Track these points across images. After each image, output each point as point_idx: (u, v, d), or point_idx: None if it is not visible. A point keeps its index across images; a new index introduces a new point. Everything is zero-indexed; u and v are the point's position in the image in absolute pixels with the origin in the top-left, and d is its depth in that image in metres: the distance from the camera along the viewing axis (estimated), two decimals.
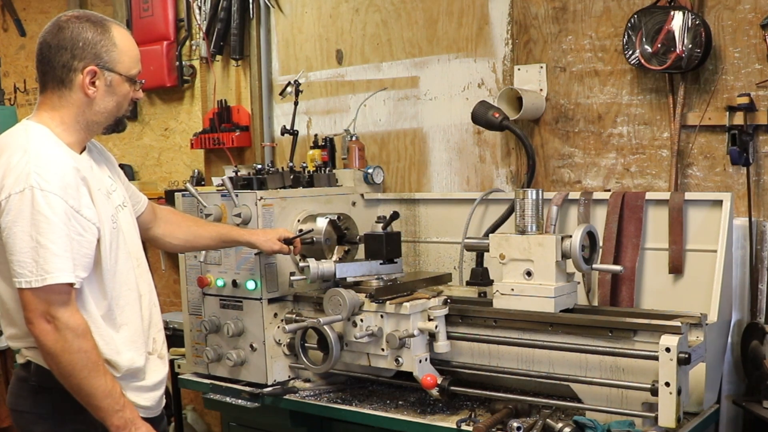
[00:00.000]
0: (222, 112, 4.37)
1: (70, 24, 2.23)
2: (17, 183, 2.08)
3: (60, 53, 2.21)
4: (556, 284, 2.57)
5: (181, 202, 3.22)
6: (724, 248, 2.70)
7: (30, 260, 2.06)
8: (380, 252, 2.88)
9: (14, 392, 2.31)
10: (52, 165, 2.12)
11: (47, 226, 2.07)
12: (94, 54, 2.22)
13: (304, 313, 2.98)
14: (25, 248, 2.06)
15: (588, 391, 2.50)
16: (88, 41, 2.22)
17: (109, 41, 2.25)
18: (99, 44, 2.23)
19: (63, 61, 2.21)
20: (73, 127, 2.26)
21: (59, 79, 2.23)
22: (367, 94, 3.81)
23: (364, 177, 3.49)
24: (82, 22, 2.24)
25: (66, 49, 2.21)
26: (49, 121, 2.24)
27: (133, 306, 2.34)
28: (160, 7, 4.59)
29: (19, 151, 2.13)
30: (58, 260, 2.07)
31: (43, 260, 2.05)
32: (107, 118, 2.31)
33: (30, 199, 2.06)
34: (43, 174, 2.09)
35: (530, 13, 3.35)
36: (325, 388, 3.01)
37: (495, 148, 3.50)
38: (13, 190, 2.07)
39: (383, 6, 3.80)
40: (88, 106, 2.25)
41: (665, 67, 2.92)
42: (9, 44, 5.68)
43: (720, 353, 2.76)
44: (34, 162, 2.10)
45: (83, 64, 2.22)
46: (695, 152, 3.02)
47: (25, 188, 2.07)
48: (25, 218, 2.06)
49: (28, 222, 2.06)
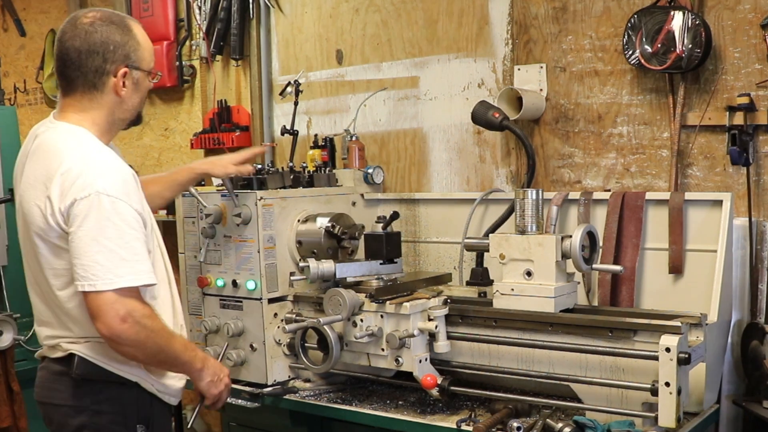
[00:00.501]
0: (222, 112, 4.37)
1: (97, 27, 2.26)
2: (82, 189, 2.13)
3: (91, 57, 2.26)
4: (556, 284, 2.57)
5: (181, 202, 3.22)
6: (724, 248, 2.71)
7: (96, 264, 2.11)
8: (380, 252, 2.88)
9: (48, 386, 2.35)
10: (112, 170, 2.20)
11: (115, 231, 2.13)
12: (124, 55, 2.29)
13: (304, 313, 2.98)
14: (91, 252, 2.11)
15: (588, 391, 2.50)
16: (117, 44, 2.27)
17: (134, 40, 2.32)
18: (127, 45, 2.29)
19: (95, 66, 2.26)
20: (104, 127, 2.33)
21: (91, 83, 2.28)
22: (367, 94, 3.81)
23: (364, 177, 3.49)
24: (107, 25, 2.28)
25: (98, 53, 2.26)
26: (83, 123, 2.29)
27: (165, 296, 2.43)
28: (160, 7, 4.59)
29: (75, 156, 2.19)
30: (126, 264, 2.14)
31: (113, 264, 2.12)
32: (132, 114, 2.40)
33: (97, 204, 2.12)
34: (107, 179, 2.15)
35: (530, 13, 3.35)
36: (325, 388, 3.01)
37: (495, 148, 3.50)
38: (79, 196, 2.13)
39: (383, 6, 3.80)
40: (119, 105, 2.33)
41: (665, 67, 2.92)
42: (9, 44, 5.68)
43: (720, 353, 2.76)
44: (96, 167, 2.17)
45: (115, 66, 2.28)
46: (695, 152, 3.02)
47: (91, 194, 2.12)
48: (92, 223, 2.12)
49: (96, 227, 2.12)
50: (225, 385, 2.49)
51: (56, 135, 2.28)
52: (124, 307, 2.13)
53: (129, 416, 2.31)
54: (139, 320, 2.16)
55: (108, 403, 2.29)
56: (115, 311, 2.12)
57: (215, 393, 2.46)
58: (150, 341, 2.20)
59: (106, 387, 2.29)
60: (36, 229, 2.23)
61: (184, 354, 2.33)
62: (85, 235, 2.11)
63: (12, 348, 3.85)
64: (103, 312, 2.13)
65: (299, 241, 3.08)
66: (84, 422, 2.29)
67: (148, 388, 2.35)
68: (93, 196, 2.12)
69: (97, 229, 2.11)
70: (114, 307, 2.12)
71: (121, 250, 2.13)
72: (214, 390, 2.45)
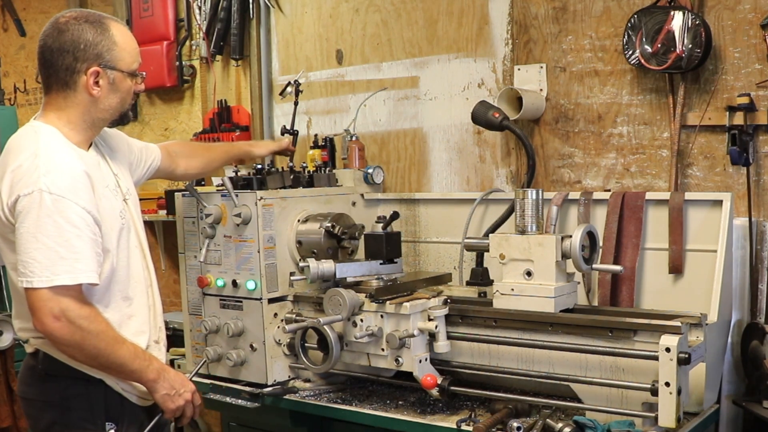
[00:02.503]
0: (222, 112, 4.37)
1: (70, 26, 2.26)
2: (27, 185, 2.13)
3: (62, 56, 2.26)
4: (556, 284, 2.57)
5: (181, 202, 3.22)
6: (724, 248, 2.70)
7: (34, 261, 2.11)
8: (380, 252, 2.88)
9: (23, 380, 2.38)
10: (61, 168, 2.17)
11: (54, 229, 2.12)
12: (95, 54, 2.27)
13: (304, 313, 2.98)
14: (29, 249, 2.11)
15: (588, 391, 2.50)
16: (89, 42, 2.26)
17: (109, 40, 2.29)
18: (100, 44, 2.28)
19: (66, 64, 2.26)
20: (80, 126, 2.32)
21: (63, 82, 2.28)
22: (367, 94, 3.81)
23: (364, 177, 3.49)
24: (81, 24, 2.27)
25: (68, 51, 2.26)
26: (57, 122, 2.29)
27: (141, 297, 2.42)
28: (160, 7, 4.59)
29: (29, 153, 2.19)
30: (64, 263, 2.11)
31: (50, 262, 2.10)
32: (112, 114, 2.38)
33: (38, 201, 2.11)
34: (52, 177, 2.14)
35: (530, 13, 3.35)
36: (325, 388, 3.01)
37: (495, 148, 3.50)
38: (22, 192, 2.13)
39: (383, 6, 3.80)
40: (94, 105, 2.32)
41: (665, 67, 2.92)
42: (9, 44, 5.68)
43: (720, 353, 2.76)
44: (44, 165, 2.16)
45: (86, 65, 2.27)
46: (695, 152, 3.02)
47: (34, 191, 2.12)
48: (32, 220, 2.12)
49: (35, 224, 2.11)
50: (185, 400, 2.38)
51: (23, 133, 2.30)
52: (58, 306, 2.12)
53: (97, 413, 2.31)
54: (74, 320, 2.13)
55: (76, 399, 2.29)
56: (48, 309, 2.11)
57: (172, 407, 2.36)
58: (87, 343, 2.17)
59: (72, 383, 2.29)
60: None
61: (132, 362, 2.26)
62: (25, 231, 2.12)
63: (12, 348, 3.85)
64: (37, 309, 2.13)
65: (299, 241, 3.08)
66: (54, 418, 2.30)
67: (114, 387, 2.34)
68: (35, 193, 2.13)
69: (36, 226, 2.12)
70: (48, 304, 2.11)
71: (59, 248, 2.12)
72: (171, 404, 2.35)
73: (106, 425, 2.32)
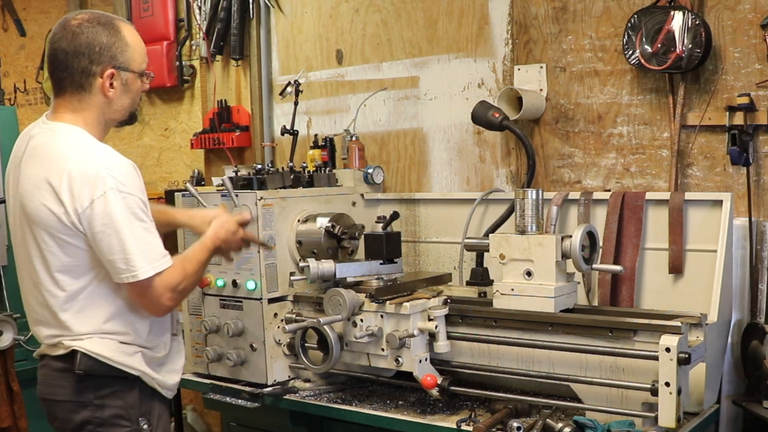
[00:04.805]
0: (222, 112, 4.37)
1: (84, 28, 2.30)
2: (96, 188, 2.20)
3: (78, 59, 2.30)
4: (556, 284, 2.57)
5: (181, 202, 3.22)
6: (724, 248, 2.70)
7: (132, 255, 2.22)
8: (380, 252, 2.88)
9: (50, 383, 2.39)
10: (119, 165, 2.27)
11: (130, 225, 2.23)
12: (110, 56, 2.32)
13: (304, 313, 2.98)
14: (121, 247, 2.22)
15: (588, 391, 2.50)
16: (103, 45, 2.31)
17: (122, 42, 2.34)
18: (114, 46, 2.32)
19: (81, 67, 2.31)
20: (96, 127, 2.38)
21: (78, 84, 2.32)
22: (367, 94, 3.81)
23: (364, 177, 3.49)
24: (95, 26, 2.31)
25: (83, 54, 2.30)
26: (77, 123, 2.34)
27: None
28: (160, 7, 4.59)
29: (78, 156, 2.25)
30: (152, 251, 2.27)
31: (144, 254, 2.24)
32: (123, 114, 2.44)
33: (112, 201, 2.21)
34: (116, 175, 2.23)
35: (530, 13, 3.35)
36: (325, 388, 3.01)
37: (495, 148, 3.50)
38: (95, 196, 2.20)
39: (383, 6, 3.80)
40: (108, 106, 2.37)
41: (665, 67, 2.92)
42: (9, 44, 5.68)
43: (720, 353, 2.76)
44: (104, 165, 2.24)
45: (101, 67, 2.32)
46: (695, 152, 3.02)
47: (106, 191, 2.20)
48: (112, 220, 2.21)
49: (116, 222, 2.21)
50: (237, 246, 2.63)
51: (55, 136, 2.32)
52: (164, 288, 2.28)
53: (131, 410, 2.36)
54: (176, 288, 2.31)
55: (111, 397, 2.34)
56: (159, 295, 2.28)
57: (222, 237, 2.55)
58: (190, 286, 2.40)
59: (108, 382, 2.33)
60: (45, 228, 2.27)
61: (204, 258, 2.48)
62: (113, 231, 2.21)
63: (12, 348, 3.85)
64: (151, 299, 2.29)
65: (299, 241, 3.08)
66: (87, 417, 2.33)
67: (149, 383, 2.40)
68: (108, 193, 2.20)
69: (118, 223, 2.21)
70: (158, 292, 2.28)
71: (141, 242, 2.24)
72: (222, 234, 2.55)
73: (140, 420, 2.37)
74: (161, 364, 2.44)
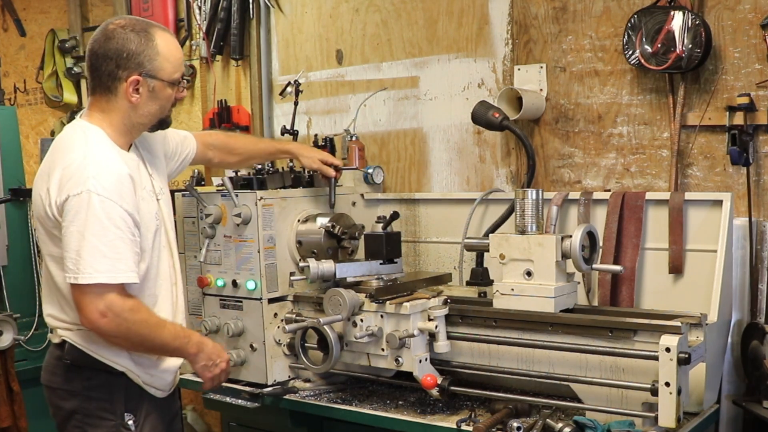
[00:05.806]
0: (222, 112, 4.37)
1: (116, 34, 2.36)
2: (76, 186, 2.24)
3: (106, 62, 2.37)
4: (556, 284, 2.57)
5: (181, 202, 3.22)
6: (724, 248, 2.71)
7: (80, 258, 2.22)
8: (380, 252, 2.88)
9: (49, 369, 2.48)
10: (109, 170, 2.29)
11: (100, 229, 2.23)
12: (137, 63, 2.37)
13: (304, 313, 2.98)
14: (77, 247, 2.22)
15: (588, 391, 2.50)
16: (131, 52, 2.36)
17: (152, 50, 2.38)
18: (142, 54, 2.37)
19: (108, 70, 2.37)
20: (121, 129, 2.43)
21: (105, 86, 2.40)
22: (367, 94, 3.81)
23: (364, 177, 3.49)
24: (127, 32, 2.37)
25: (111, 59, 2.36)
26: (101, 123, 2.41)
27: (166, 295, 2.53)
28: (160, 7, 4.59)
29: (78, 154, 2.30)
30: (106, 261, 2.23)
31: (94, 260, 2.22)
32: (151, 120, 2.48)
33: (87, 202, 2.23)
34: (100, 179, 2.25)
35: (530, 13, 3.35)
36: (325, 388, 3.01)
37: (495, 148, 3.50)
38: (72, 192, 2.24)
39: (383, 6, 3.80)
40: (133, 110, 2.42)
41: (665, 67, 2.92)
42: (9, 44, 5.67)
43: (720, 353, 2.76)
44: (93, 167, 2.27)
45: (127, 73, 2.37)
46: (695, 152, 3.02)
47: (83, 191, 2.23)
48: (81, 220, 2.23)
49: (83, 223, 2.22)
50: (220, 369, 2.57)
51: (71, 131, 2.42)
52: (103, 302, 2.24)
53: (117, 404, 2.40)
54: (119, 314, 2.26)
55: (98, 390, 2.39)
56: (94, 306, 2.24)
57: (209, 376, 2.55)
58: (132, 333, 2.30)
59: (95, 374, 2.39)
60: (38, 216, 2.38)
61: (173, 342, 2.42)
62: (75, 230, 2.23)
63: (12, 348, 3.85)
64: (83, 306, 2.25)
65: (299, 241, 3.08)
66: (75, 406, 2.39)
67: (135, 380, 2.44)
68: (84, 194, 2.23)
69: (84, 225, 2.23)
70: (93, 302, 2.24)
71: (103, 248, 2.23)
72: (208, 373, 2.54)
73: (125, 416, 2.41)
74: (151, 363, 2.47)
